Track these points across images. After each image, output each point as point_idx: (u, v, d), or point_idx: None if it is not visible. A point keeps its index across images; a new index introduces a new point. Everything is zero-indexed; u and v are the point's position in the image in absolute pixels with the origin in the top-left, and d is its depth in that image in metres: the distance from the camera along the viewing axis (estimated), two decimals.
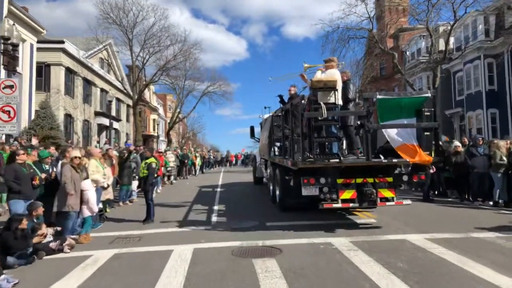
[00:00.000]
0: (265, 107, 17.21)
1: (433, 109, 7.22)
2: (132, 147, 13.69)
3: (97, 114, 28.32)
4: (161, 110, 52.87)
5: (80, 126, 25.78)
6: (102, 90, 29.24)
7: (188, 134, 58.66)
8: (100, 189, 7.91)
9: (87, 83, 27.12)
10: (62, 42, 22.99)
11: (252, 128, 16.86)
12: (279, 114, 9.75)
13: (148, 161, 8.74)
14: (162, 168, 15.53)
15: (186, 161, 22.40)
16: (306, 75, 7.68)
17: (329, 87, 7.18)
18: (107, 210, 9.75)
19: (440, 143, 10.21)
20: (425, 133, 7.21)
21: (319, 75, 7.42)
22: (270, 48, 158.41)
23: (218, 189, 15.46)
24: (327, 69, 7.49)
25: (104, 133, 29.93)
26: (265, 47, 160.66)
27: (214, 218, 9.04)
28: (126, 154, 11.81)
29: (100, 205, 8.33)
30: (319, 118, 7.09)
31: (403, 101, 7.00)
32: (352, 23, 23.15)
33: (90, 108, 27.70)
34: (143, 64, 27.51)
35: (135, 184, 12.01)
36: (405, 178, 7.43)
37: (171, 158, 17.83)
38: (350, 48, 23.40)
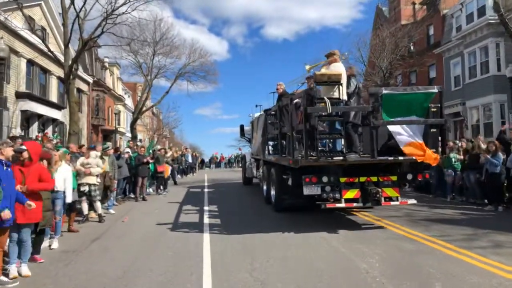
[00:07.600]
0: (256, 105, 15.85)
1: (439, 105, 6.90)
2: None
3: (20, 96, 19.22)
4: (129, 102, 43.89)
5: None
6: (31, 62, 20.48)
7: (163, 130, 48.88)
8: None
9: None
10: None
11: (242, 127, 16.40)
12: (275, 111, 9.01)
13: None
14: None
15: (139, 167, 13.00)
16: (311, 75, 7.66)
17: (333, 81, 6.90)
18: None
19: None
20: (432, 130, 6.97)
21: (324, 71, 7.19)
22: (250, 49, 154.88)
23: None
24: (331, 64, 7.24)
25: (35, 125, 21.17)
26: (245, 47, 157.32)
27: None
28: None
29: None
30: (323, 114, 6.78)
31: (409, 97, 6.72)
32: None
33: (8, 87, 18.68)
34: (78, 12, 16.72)
35: None
36: (409, 176, 7.26)
37: (93, 168, 8.35)
38: None
